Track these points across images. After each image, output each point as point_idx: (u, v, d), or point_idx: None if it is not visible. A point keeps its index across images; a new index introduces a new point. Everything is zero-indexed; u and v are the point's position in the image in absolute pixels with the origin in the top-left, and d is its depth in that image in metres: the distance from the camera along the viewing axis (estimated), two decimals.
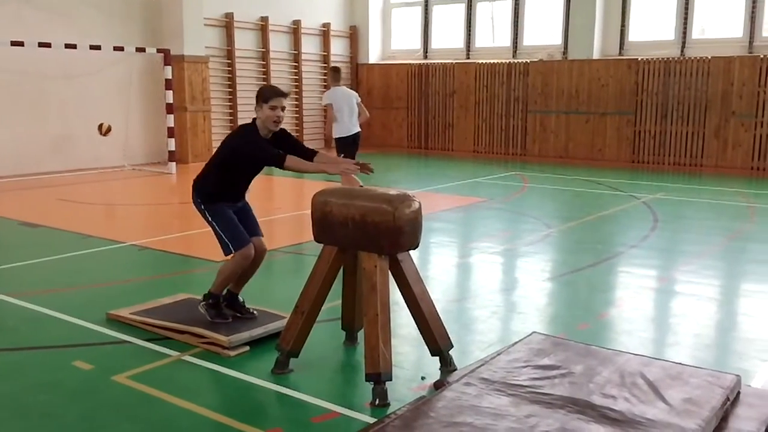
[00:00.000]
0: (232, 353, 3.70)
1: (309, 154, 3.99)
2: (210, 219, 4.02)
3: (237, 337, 3.78)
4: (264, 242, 4.16)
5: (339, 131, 8.07)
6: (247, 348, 3.78)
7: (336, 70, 8.41)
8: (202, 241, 6.67)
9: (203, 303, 4.09)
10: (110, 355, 3.81)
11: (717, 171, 11.67)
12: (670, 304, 4.89)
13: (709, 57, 11.79)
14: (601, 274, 5.58)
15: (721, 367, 3.48)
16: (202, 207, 4.04)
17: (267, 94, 3.89)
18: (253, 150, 3.86)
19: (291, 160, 3.81)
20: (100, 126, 10.41)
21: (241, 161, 3.92)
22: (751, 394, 3.00)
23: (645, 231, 7.06)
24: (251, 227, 4.12)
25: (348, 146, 8.05)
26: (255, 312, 4.14)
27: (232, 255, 3.97)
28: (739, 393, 2.93)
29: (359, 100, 8.24)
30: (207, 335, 3.83)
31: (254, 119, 3.95)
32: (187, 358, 3.71)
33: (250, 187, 4.19)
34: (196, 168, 12.81)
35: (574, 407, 2.72)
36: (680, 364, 3.21)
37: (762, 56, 11.39)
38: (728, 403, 2.78)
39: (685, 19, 12.35)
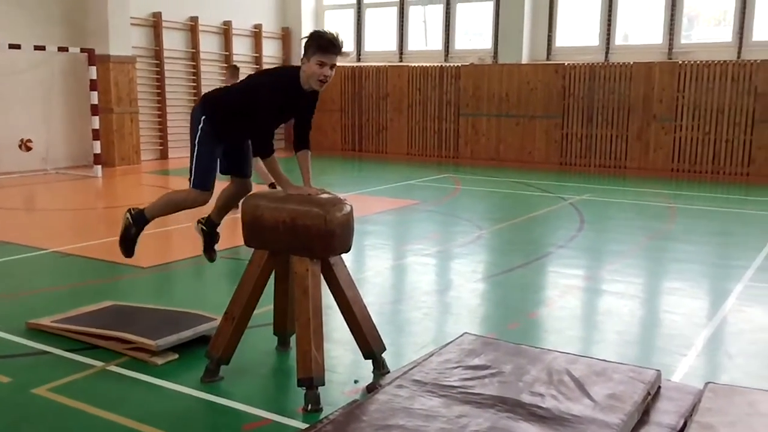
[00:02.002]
0: (160, 361, 3.60)
1: (302, 143, 3.64)
2: (195, 141, 3.60)
3: (165, 341, 3.67)
4: (250, 183, 3.85)
5: None
6: (176, 356, 3.69)
7: (235, 69, 8.49)
8: None
9: (129, 215, 3.83)
10: (30, 367, 3.65)
11: (640, 173, 12.11)
12: (596, 302, 5.04)
13: (632, 63, 12.23)
14: (530, 274, 5.70)
15: (644, 363, 3.60)
16: (200, 125, 3.57)
17: (317, 47, 3.33)
18: (261, 109, 3.36)
19: (272, 162, 3.42)
20: (20, 143, 10.18)
21: (252, 103, 3.40)
22: (671, 388, 3.11)
23: (572, 231, 7.25)
24: (239, 165, 3.79)
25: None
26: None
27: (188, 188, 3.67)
28: (659, 387, 3.04)
29: None
30: (133, 340, 3.71)
31: (293, 70, 3.46)
32: (112, 368, 3.59)
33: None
34: (123, 171, 12.53)
35: (504, 406, 2.76)
36: (604, 360, 3.31)
37: (680, 62, 11.89)
38: (649, 397, 2.88)
39: (609, 26, 12.78)
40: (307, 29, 15.64)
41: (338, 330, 4.01)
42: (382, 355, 3.54)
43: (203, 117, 3.58)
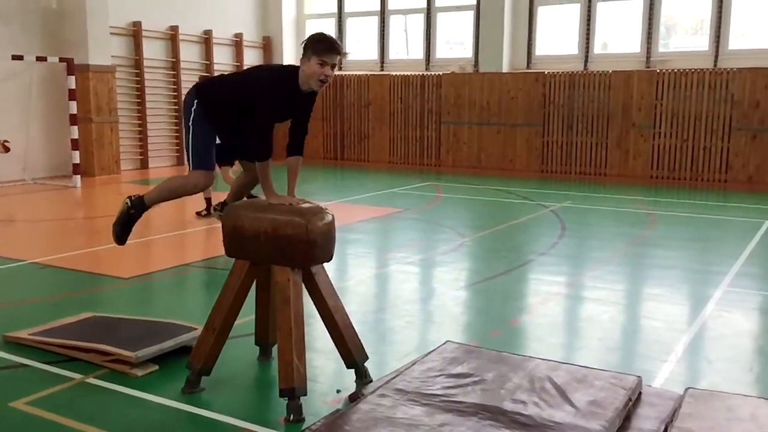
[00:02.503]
0: (140, 373, 3.57)
1: (295, 149, 3.54)
2: (189, 123, 3.46)
3: (144, 352, 3.63)
4: None
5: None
6: (156, 367, 3.65)
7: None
8: (109, 257, 6.44)
9: (128, 201, 3.61)
10: (7, 381, 3.60)
11: (619, 180, 12.21)
12: (578, 309, 5.07)
13: (611, 71, 12.36)
14: (512, 281, 5.73)
15: (625, 369, 3.63)
16: (194, 105, 3.47)
17: (318, 46, 3.29)
18: (261, 109, 3.28)
19: (266, 168, 3.35)
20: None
21: (248, 100, 3.31)
22: (652, 393, 3.13)
23: (553, 238, 7.29)
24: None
25: (223, 155, 8.03)
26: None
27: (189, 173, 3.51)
28: (640, 393, 3.06)
29: None
30: (112, 351, 3.67)
31: (292, 69, 3.39)
32: (91, 380, 3.55)
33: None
34: (102, 181, 12.44)
35: (486, 414, 2.77)
36: (586, 367, 3.33)
37: (658, 71, 12.03)
38: (630, 403, 2.90)
39: (588, 34, 12.91)
40: (288, 38, 15.69)
41: (320, 339, 3.99)
42: (365, 364, 3.53)
43: (196, 101, 3.49)
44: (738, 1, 11.78)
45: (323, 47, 3.29)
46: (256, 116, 3.32)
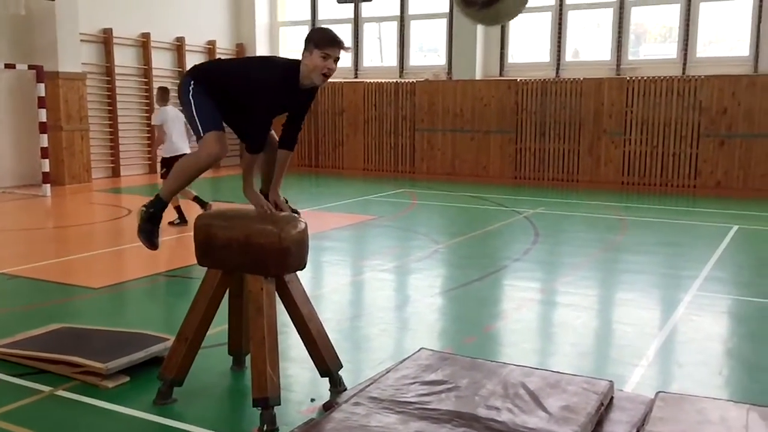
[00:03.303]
0: (110, 384, 3.51)
1: (288, 142, 3.49)
2: (188, 98, 3.32)
3: (115, 363, 3.58)
4: (273, 135, 3.51)
5: (169, 150, 8.06)
6: (127, 378, 3.60)
7: (164, 90, 8.45)
8: (80, 266, 6.35)
9: (145, 208, 3.41)
10: None
11: (591, 186, 12.35)
12: (551, 314, 5.10)
13: (582, 78, 12.51)
14: (487, 288, 5.75)
15: (598, 374, 3.66)
16: (190, 85, 3.34)
17: (321, 39, 3.23)
18: (261, 107, 3.21)
19: (253, 159, 3.28)
20: None
21: (246, 93, 3.22)
22: (623, 398, 3.17)
23: (527, 245, 7.35)
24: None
25: (171, 165, 8.06)
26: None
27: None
28: (612, 398, 3.09)
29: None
30: (82, 363, 3.61)
31: (293, 64, 3.29)
32: (61, 392, 3.49)
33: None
34: (73, 189, 12.27)
35: (460, 421, 2.77)
36: (559, 372, 3.35)
37: (628, 78, 12.21)
38: (602, 408, 2.93)
39: (559, 42, 13.06)
40: (261, 46, 15.65)
41: (295, 348, 3.97)
42: (339, 372, 3.52)
43: (192, 81, 3.36)
44: (705, 9, 12.02)
45: (326, 40, 3.23)
46: (256, 113, 3.25)
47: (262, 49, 15.73)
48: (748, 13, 11.65)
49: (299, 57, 3.33)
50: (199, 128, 3.28)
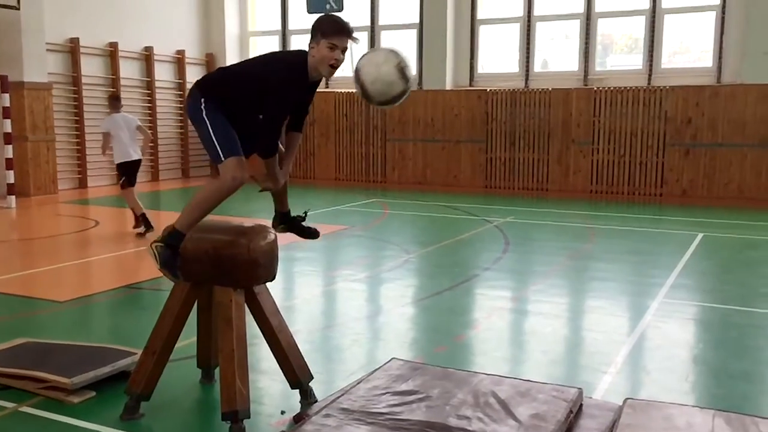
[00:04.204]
0: (76, 400, 3.45)
1: (296, 126, 3.42)
2: (202, 117, 3.16)
3: (81, 378, 3.52)
4: (279, 148, 3.38)
5: (120, 156, 8.31)
6: (93, 393, 3.54)
7: (115, 98, 8.68)
8: (45, 279, 6.24)
9: (157, 243, 3.14)
10: None
11: (561, 195, 12.49)
12: (521, 323, 5.14)
13: (550, 89, 12.67)
14: (457, 297, 5.77)
15: (568, 381, 3.69)
16: (201, 103, 3.18)
17: (328, 28, 3.10)
18: (274, 103, 3.09)
19: (274, 161, 3.22)
20: None
21: (264, 94, 3.11)
22: (592, 405, 3.19)
23: (498, 253, 7.40)
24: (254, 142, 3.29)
25: (128, 171, 8.34)
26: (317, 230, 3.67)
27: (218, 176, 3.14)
28: (581, 405, 3.11)
29: (138, 123, 8.55)
30: (47, 378, 3.54)
31: (301, 57, 3.16)
32: (26, 408, 3.42)
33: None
34: (38, 201, 12.03)
35: (431, 431, 2.77)
36: (529, 380, 3.37)
37: (596, 88, 12.39)
38: (572, 415, 2.95)
39: (528, 53, 13.21)
40: (231, 55, 15.59)
41: (265, 360, 3.94)
42: (310, 384, 3.49)
43: (203, 99, 3.21)
44: (669, 21, 12.26)
45: (333, 29, 3.11)
46: (270, 112, 3.15)
47: (232, 59, 15.65)
48: (711, 25, 11.91)
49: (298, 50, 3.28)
50: (220, 153, 3.10)
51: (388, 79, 3.07)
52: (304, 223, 3.75)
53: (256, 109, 3.21)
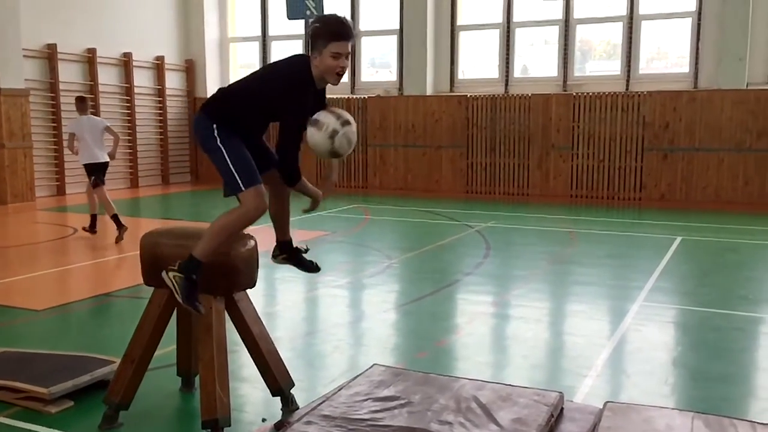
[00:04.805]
0: (54, 410, 3.40)
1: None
2: (216, 144, 3.09)
3: (59, 388, 3.47)
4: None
5: (86, 158, 8.40)
6: (71, 403, 3.49)
7: (81, 100, 8.78)
8: (23, 288, 6.16)
9: (175, 272, 3.05)
10: None
11: (541, 199, 12.57)
12: (503, 327, 5.15)
13: (530, 94, 12.76)
14: (439, 302, 5.78)
15: (549, 385, 3.71)
16: (213, 130, 3.11)
17: (326, 34, 3.02)
18: (295, 113, 3.04)
19: (304, 183, 3.19)
20: None
21: (274, 109, 3.11)
22: (573, 409, 3.20)
23: (479, 258, 7.42)
24: (264, 157, 3.24)
25: (96, 171, 8.41)
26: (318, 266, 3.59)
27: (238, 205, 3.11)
28: (562, 409, 3.12)
29: (106, 125, 8.60)
30: (24, 388, 3.49)
31: (305, 63, 3.13)
32: (2, 419, 3.36)
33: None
34: (15, 208, 11.89)
35: None
36: (510, 385, 3.38)
37: (575, 94, 12.50)
38: (553, 419, 2.96)
39: (507, 59, 13.29)
40: (211, 61, 15.53)
41: (246, 367, 3.91)
42: (291, 391, 3.48)
43: (214, 126, 3.13)
44: (647, 27, 12.41)
45: (332, 35, 3.03)
46: (289, 128, 3.09)
47: (212, 65, 15.61)
48: (688, 31, 12.07)
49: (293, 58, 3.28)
50: (240, 184, 3.06)
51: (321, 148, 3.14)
52: (305, 255, 3.65)
53: (271, 120, 3.19)
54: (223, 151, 3.09)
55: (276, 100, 3.09)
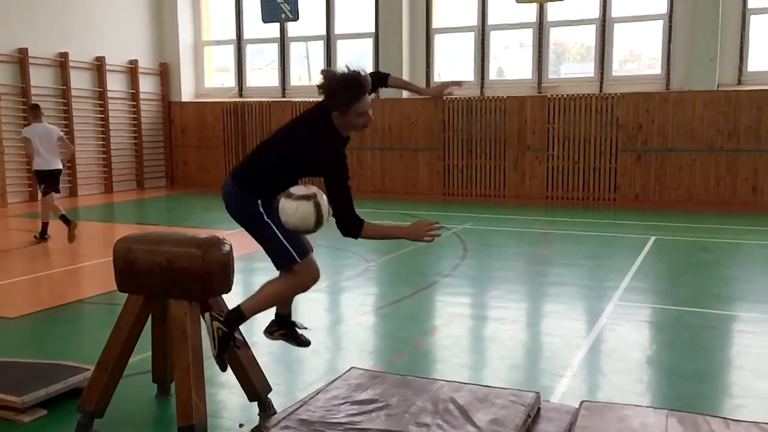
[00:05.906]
0: (27, 419, 3.35)
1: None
2: (264, 222, 3.13)
3: (32, 396, 3.41)
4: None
5: (39, 164, 8.45)
6: (44, 411, 3.44)
7: (35, 107, 8.81)
8: None
9: (220, 324, 3.10)
10: None
11: (517, 201, 12.64)
12: (480, 329, 5.18)
13: (505, 96, 12.83)
14: (417, 304, 5.79)
15: (526, 385, 3.73)
16: (258, 206, 3.13)
17: (349, 99, 3.00)
18: (335, 163, 3.09)
19: (372, 230, 3.28)
20: None
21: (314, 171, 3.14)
22: (550, 408, 3.23)
23: (456, 260, 7.44)
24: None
25: (47, 179, 8.45)
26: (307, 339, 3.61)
27: (289, 272, 3.20)
28: (539, 409, 3.14)
29: (60, 134, 8.65)
30: None
31: (327, 115, 3.10)
32: None
33: None
34: None
35: None
36: (487, 386, 3.39)
37: (549, 96, 12.60)
38: (529, 420, 2.98)
39: (483, 61, 13.37)
40: (186, 65, 15.41)
41: (223, 373, 3.88)
42: (268, 396, 3.46)
43: (259, 201, 3.14)
44: (620, 29, 12.55)
45: (356, 97, 3.02)
46: (341, 186, 3.14)
47: (186, 69, 15.49)
48: (659, 33, 12.23)
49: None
50: (294, 256, 3.17)
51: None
52: (299, 330, 3.62)
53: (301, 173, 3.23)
54: (273, 227, 3.14)
55: (330, 158, 3.12)
